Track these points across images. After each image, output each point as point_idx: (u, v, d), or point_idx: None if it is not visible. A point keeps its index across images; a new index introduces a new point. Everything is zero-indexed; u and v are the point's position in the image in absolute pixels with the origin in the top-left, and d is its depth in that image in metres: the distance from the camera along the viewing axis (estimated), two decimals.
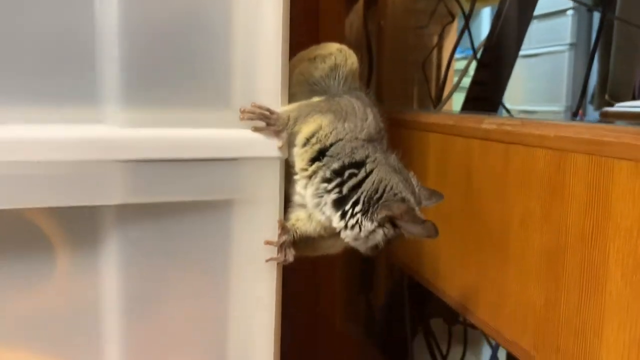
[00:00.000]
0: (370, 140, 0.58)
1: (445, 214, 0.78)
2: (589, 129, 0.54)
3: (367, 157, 0.57)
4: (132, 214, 0.53)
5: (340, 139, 0.57)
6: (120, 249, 0.53)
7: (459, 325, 1.23)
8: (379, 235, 0.55)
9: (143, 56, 0.51)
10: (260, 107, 0.55)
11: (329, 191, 0.56)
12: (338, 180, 0.56)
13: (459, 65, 1.64)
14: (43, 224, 0.51)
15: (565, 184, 0.56)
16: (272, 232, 0.57)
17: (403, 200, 0.55)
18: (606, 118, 1.10)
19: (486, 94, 1.09)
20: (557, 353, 0.58)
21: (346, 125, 0.57)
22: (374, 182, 0.55)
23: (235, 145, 0.55)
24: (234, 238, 0.57)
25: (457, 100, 1.32)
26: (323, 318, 1.11)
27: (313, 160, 0.57)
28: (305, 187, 0.57)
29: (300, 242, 0.59)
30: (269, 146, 0.56)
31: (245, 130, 0.55)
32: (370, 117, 0.60)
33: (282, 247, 0.57)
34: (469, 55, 1.18)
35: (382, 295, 1.32)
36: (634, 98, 1.40)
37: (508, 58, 1.08)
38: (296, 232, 0.59)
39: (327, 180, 0.56)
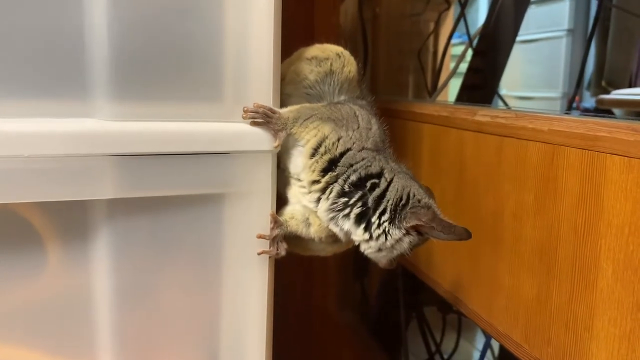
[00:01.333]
0: (377, 149, 0.58)
1: (439, 206, 0.78)
2: (583, 123, 0.53)
3: (382, 166, 0.56)
4: (123, 207, 0.52)
5: (349, 149, 0.56)
6: (112, 242, 0.53)
7: (453, 314, 1.24)
8: (405, 244, 0.55)
9: (133, 49, 0.50)
10: (263, 107, 0.54)
11: (351, 205, 0.55)
12: (359, 193, 0.55)
13: (456, 50, 1.63)
14: (33, 218, 0.51)
15: (558, 178, 0.56)
16: (264, 226, 0.57)
17: (428, 206, 0.55)
18: (602, 105, 1.10)
19: (482, 81, 1.08)
20: (549, 346, 0.58)
21: (350, 133, 0.56)
22: (397, 189, 0.55)
23: (227, 139, 0.54)
24: (226, 231, 0.57)
25: (454, 86, 1.31)
26: (317, 306, 1.12)
27: (325, 171, 0.56)
28: (317, 201, 0.56)
29: (291, 240, 0.59)
30: (261, 140, 0.55)
31: (237, 124, 0.54)
32: (375, 126, 0.59)
33: (274, 240, 0.57)
34: (466, 40, 1.18)
35: (376, 284, 1.32)
36: (630, 85, 1.39)
37: (504, 45, 1.08)
38: (287, 228, 0.58)
39: (346, 194, 0.55)
